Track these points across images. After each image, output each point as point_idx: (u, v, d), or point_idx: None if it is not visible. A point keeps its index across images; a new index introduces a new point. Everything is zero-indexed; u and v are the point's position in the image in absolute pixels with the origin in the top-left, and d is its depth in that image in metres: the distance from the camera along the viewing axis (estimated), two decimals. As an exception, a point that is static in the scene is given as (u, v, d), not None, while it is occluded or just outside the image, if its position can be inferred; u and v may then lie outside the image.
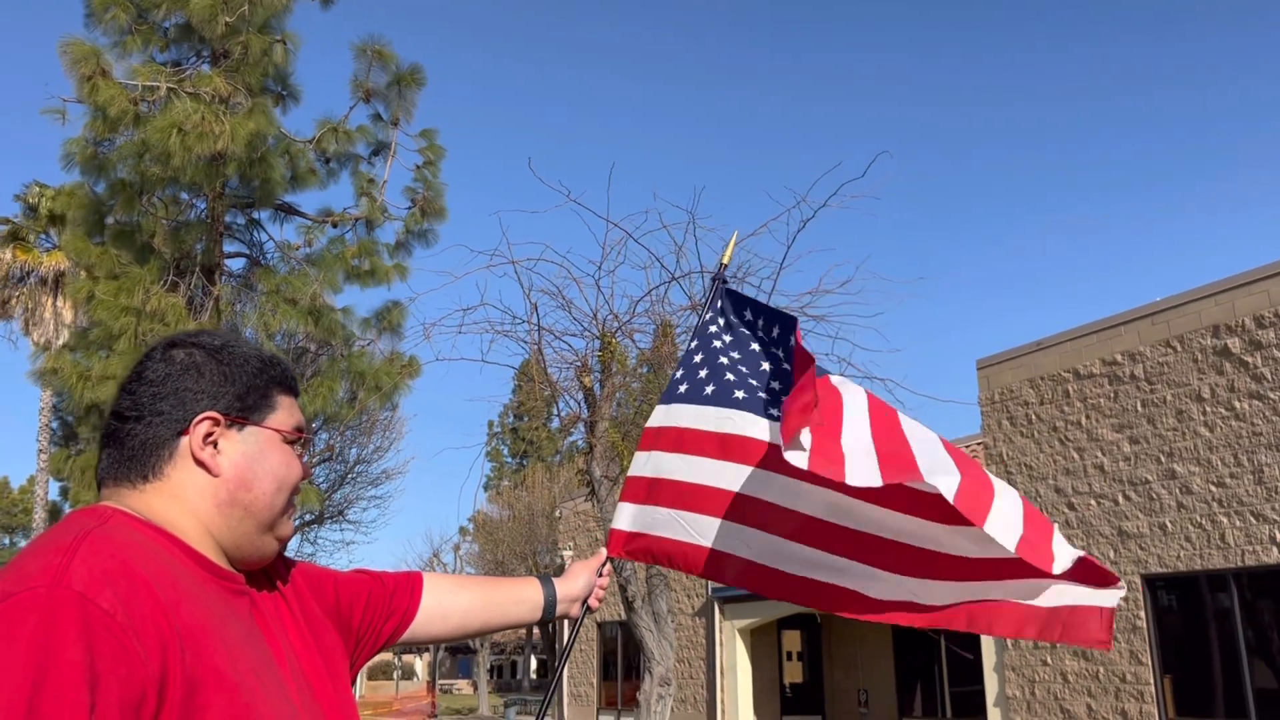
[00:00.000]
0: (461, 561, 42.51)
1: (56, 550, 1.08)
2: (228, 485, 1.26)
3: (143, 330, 9.78)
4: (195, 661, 1.08)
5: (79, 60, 9.49)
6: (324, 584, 1.54)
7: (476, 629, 1.83)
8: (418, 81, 11.48)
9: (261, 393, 1.30)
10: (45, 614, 0.99)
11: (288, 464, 1.30)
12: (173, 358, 1.31)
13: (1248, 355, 11.93)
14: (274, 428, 1.30)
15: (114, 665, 1.00)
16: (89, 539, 1.11)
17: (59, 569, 1.04)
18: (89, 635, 0.99)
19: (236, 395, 1.28)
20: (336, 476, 25.67)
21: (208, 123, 9.22)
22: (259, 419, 1.29)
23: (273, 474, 1.29)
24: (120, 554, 1.10)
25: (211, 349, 1.33)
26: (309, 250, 11.49)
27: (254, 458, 1.27)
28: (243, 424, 1.28)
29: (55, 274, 22.04)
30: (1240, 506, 11.79)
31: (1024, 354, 14.75)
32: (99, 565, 1.06)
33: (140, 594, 1.07)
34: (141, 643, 1.03)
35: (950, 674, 16.81)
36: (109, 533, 1.14)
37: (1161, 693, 12.46)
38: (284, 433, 1.30)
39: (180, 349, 1.32)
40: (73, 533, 1.12)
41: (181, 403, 1.27)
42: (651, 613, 8.21)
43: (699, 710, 20.38)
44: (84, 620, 1.00)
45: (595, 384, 8.33)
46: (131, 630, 1.03)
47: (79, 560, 1.06)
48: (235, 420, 1.27)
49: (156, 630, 1.05)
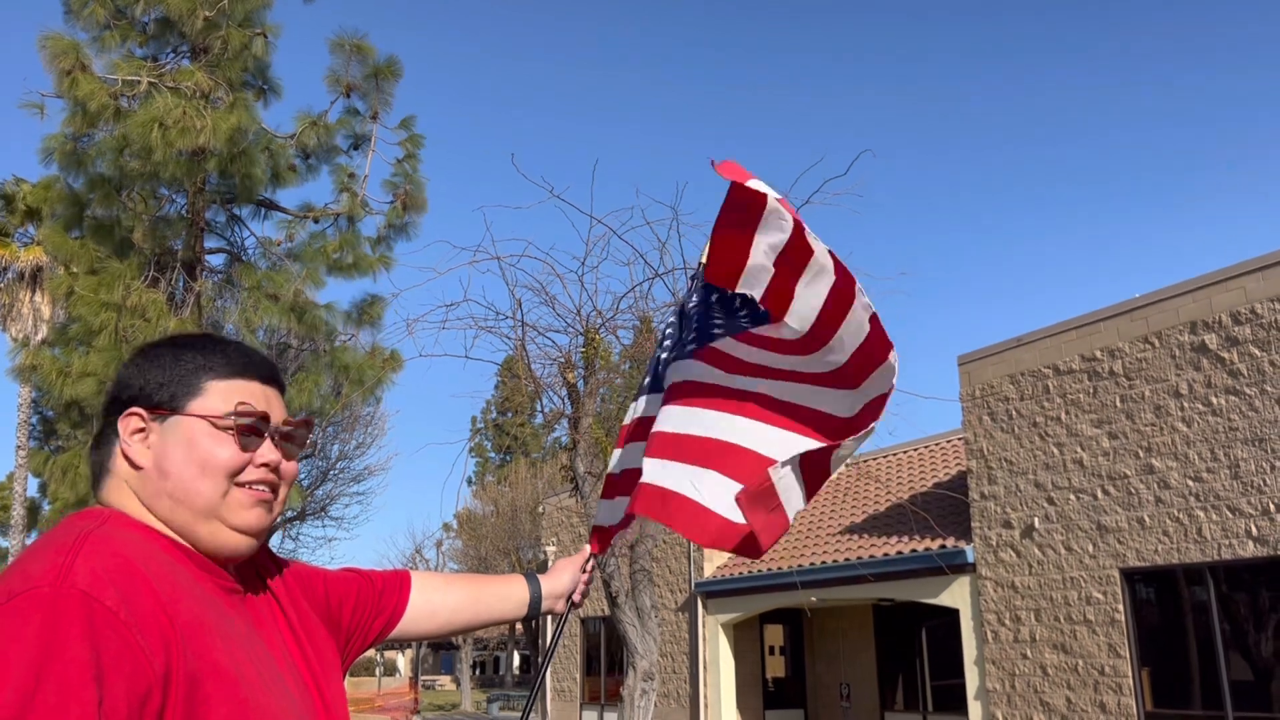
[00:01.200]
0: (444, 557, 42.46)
1: (58, 551, 1.09)
2: (150, 476, 1.26)
3: (123, 326, 9.72)
4: (196, 656, 1.10)
5: (58, 55, 9.41)
6: (314, 582, 1.56)
7: (463, 625, 1.85)
8: (395, 74, 11.43)
9: (184, 382, 1.29)
10: (50, 612, 1.01)
11: (214, 448, 1.27)
12: (135, 357, 1.34)
13: (1224, 351, 12.05)
14: (198, 414, 1.28)
15: (119, 662, 1.02)
16: (90, 539, 1.13)
17: (62, 568, 1.06)
18: (94, 632, 1.01)
19: (159, 385, 1.29)
20: (319, 473, 25.59)
21: (189, 118, 9.16)
22: (180, 407, 1.28)
23: (194, 459, 1.26)
24: (121, 552, 1.13)
25: (151, 348, 1.34)
26: (290, 246, 11.44)
27: (173, 445, 1.27)
28: (165, 415, 1.28)
29: (34, 269, 21.85)
30: (1217, 501, 11.92)
31: (1005, 350, 14.85)
32: (101, 564, 1.09)
33: (142, 591, 1.09)
34: (145, 639, 1.05)
35: (931, 668, 16.93)
36: (108, 533, 1.16)
37: (1139, 685, 12.59)
38: (210, 418, 1.28)
39: (147, 348, 1.35)
40: (73, 533, 1.14)
41: (117, 400, 1.30)
42: (635, 608, 8.23)
43: (682, 705, 20.44)
44: (89, 618, 1.02)
45: (579, 380, 8.35)
46: (135, 627, 1.05)
47: (81, 559, 1.08)
48: (157, 411, 1.28)
49: (159, 626, 1.07)
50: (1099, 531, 13.22)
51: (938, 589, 15.32)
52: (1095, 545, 13.24)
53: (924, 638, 17.08)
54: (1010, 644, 14.19)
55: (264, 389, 1.35)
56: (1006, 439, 14.62)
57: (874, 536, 17.19)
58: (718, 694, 19.50)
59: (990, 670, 14.41)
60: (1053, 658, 13.56)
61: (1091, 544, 13.29)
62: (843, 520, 19.14)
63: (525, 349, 8.35)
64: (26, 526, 22.16)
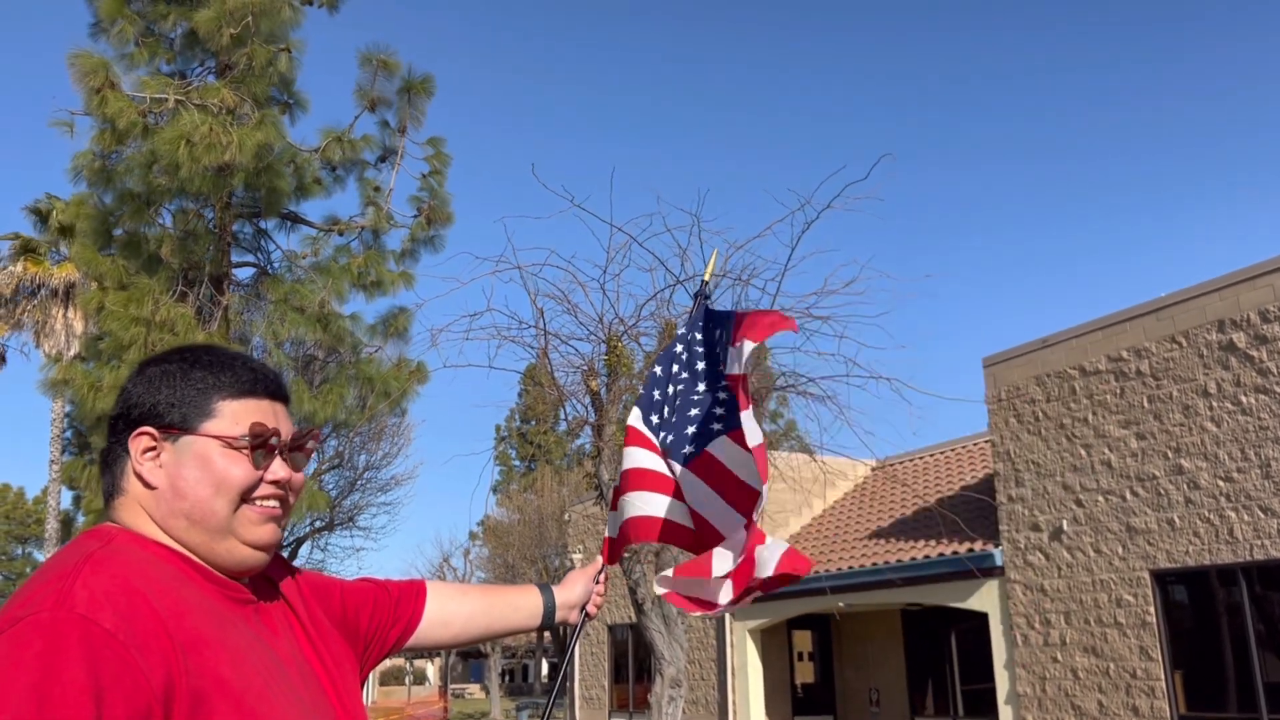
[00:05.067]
0: (471, 566, 42.58)
1: (59, 575, 1.13)
2: (164, 497, 1.28)
3: (152, 340, 9.85)
4: (199, 672, 1.13)
5: (88, 72, 9.57)
6: (330, 591, 1.59)
7: (477, 635, 1.88)
8: (428, 91, 11.55)
9: (195, 402, 1.30)
10: (49, 637, 1.05)
11: (228, 468, 1.29)
12: (140, 374, 1.34)
13: (1253, 350, 11.93)
14: (211, 434, 1.29)
15: (117, 682, 1.05)
16: (90, 561, 1.16)
17: (62, 593, 1.10)
18: (92, 655, 1.05)
19: (169, 405, 1.30)
20: (346, 483, 25.75)
21: (215, 134, 9.30)
22: (193, 427, 1.29)
23: (209, 480, 1.28)
24: (121, 573, 1.16)
25: (156, 364, 1.35)
26: (315, 260, 11.56)
27: (186, 466, 1.28)
28: (177, 435, 1.29)
29: (66, 286, 22.18)
30: (1248, 501, 11.79)
31: (1030, 351, 14.76)
32: (100, 586, 1.12)
33: (141, 611, 1.12)
34: (144, 659, 1.08)
35: (961, 672, 16.81)
36: (112, 553, 1.19)
37: (1172, 688, 12.46)
38: (224, 438, 1.29)
39: (151, 365, 1.35)
40: (76, 556, 1.18)
41: (128, 419, 1.31)
42: (662, 615, 8.25)
43: (710, 711, 20.40)
44: (87, 641, 1.05)
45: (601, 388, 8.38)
46: (134, 647, 1.08)
47: (80, 583, 1.12)
48: (169, 431, 1.29)
49: (158, 645, 1.10)
50: (1128, 533, 13.10)
51: (966, 593, 15.22)
52: (1125, 547, 13.13)
53: (953, 642, 16.98)
54: (1040, 647, 14.08)
55: (272, 405, 1.36)
56: (1033, 441, 14.52)
57: (901, 540, 17.11)
58: (746, 700, 19.45)
59: (1021, 674, 14.31)
60: (1084, 661, 13.45)
61: (1121, 546, 13.18)
62: (869, 525, 19.06)
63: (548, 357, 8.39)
64: (60, 539, 22.46)
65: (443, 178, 11.79)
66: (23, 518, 56.82)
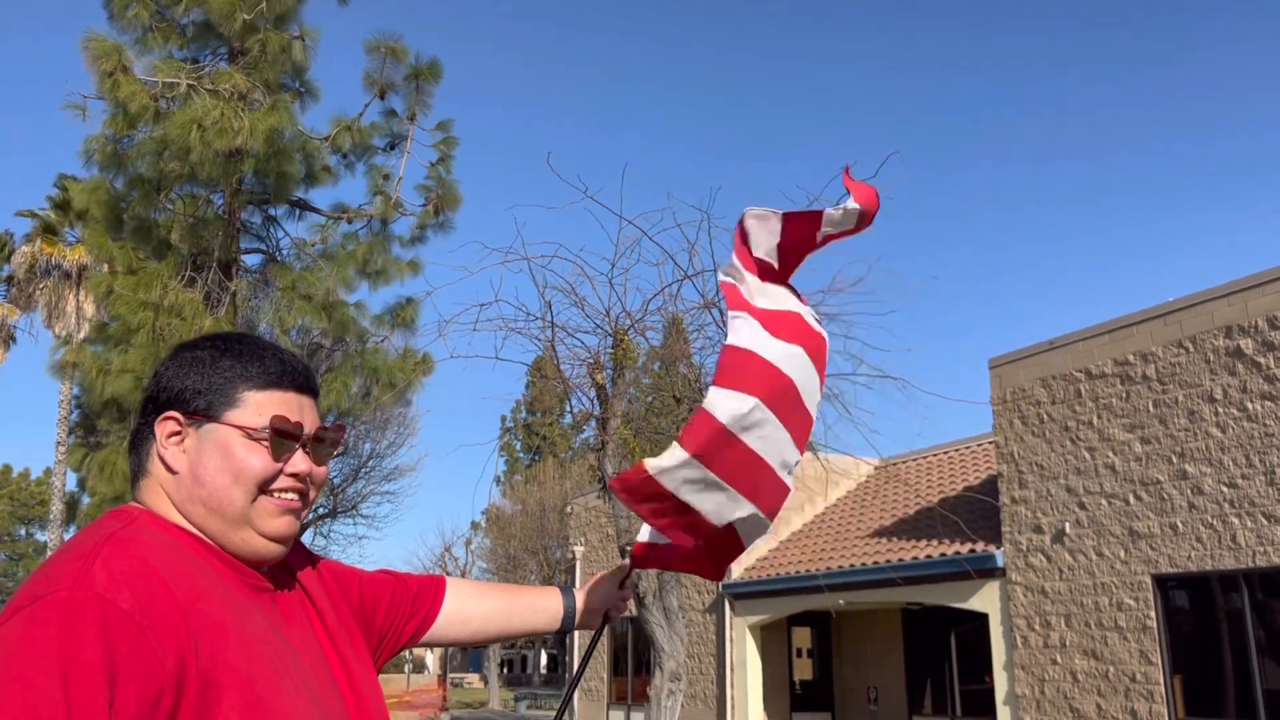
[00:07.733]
0: (473, 556, 42.68)
1: (80, 555, 1.14)
2: (185, 482, 1.29)
3: (160, 325, 9.89)
4: (211, 658, 1.13)
5: (100, 57, 9.59)
6: (349, 582, 1.59)
7: (494, 635, 1.86)
8: (435, 76, 11.53)
9: (221, 390, 1.31)
10: (67, 616, 1.06)
11: (246, 458, 1.29)
12: (173, 358, 1.35)
13: (1260, 356, 11.90)
14: (233, 424, 1.30)
15: (132, 664, 1.05)
16: (111, 541, 1.17)
17: (81, 572, 1.11)
18: (108, 635, 1.05)
19: (196, 392, 1.30)
20: (350, 471, 25.83)
21: (227, 119, 9.31)
22: (217, 415, 1.30)
23: (228, 468, 1.28)
24: (140, 554, 1.16)
25: (189, 349, 1.35)
26: (323, 247, 11.58)
27: (207, 453, 1.29)
28: (201, 421, 1.30)
29: (79, 268, 22.26)
30: (1252, 507, 11.77)
31: (1036, 353, 14.74)
32: (118, 567, 1.12)
33: (158, 594, 1.12)
34: (159, 642, 1.09)
35: (960, 672, 16.83)
36: (133, 534, 1.20)
37: (1171, 692, 12.46)
38: (245, 429, 1.30)
39: (185, 350, 1.36)
40: (97, 535, 1.19)
41: (157, 402, 1.32)
42: (662, 608, 8.26)
43: (709, 706, 20.44)
44: (103, 621, 1.06)
45: (607, 381, 8.39)
46: (150, 630, 1.08)
47: (99, 563, 1.12)
48: (194, 417, 1.30)
49: (173, 629, 1.11)
50: (1131, 537, 13.09)
51: (967, 593, 15.23)
52: (1127, 551, 13.12)
53: (953, 642, 16.99)
54: (1040, 649, 14.09)
55: (299, 398, 1.36)
56: (1038, 443, 14.51)
57: (903, 540, 17.12)
58: (744, 696, 19.49)
59: (1020, 675, 14.31)
60: (1083, 664, 13.45)
61: (1123, 549, 13.17)
62: (871, 523, 19.06)
63: (555, 350, 8.40)
64: (65, 521, 22.55)
65: (450, 164, 11.79)
66: (27, 499, 57.05)
